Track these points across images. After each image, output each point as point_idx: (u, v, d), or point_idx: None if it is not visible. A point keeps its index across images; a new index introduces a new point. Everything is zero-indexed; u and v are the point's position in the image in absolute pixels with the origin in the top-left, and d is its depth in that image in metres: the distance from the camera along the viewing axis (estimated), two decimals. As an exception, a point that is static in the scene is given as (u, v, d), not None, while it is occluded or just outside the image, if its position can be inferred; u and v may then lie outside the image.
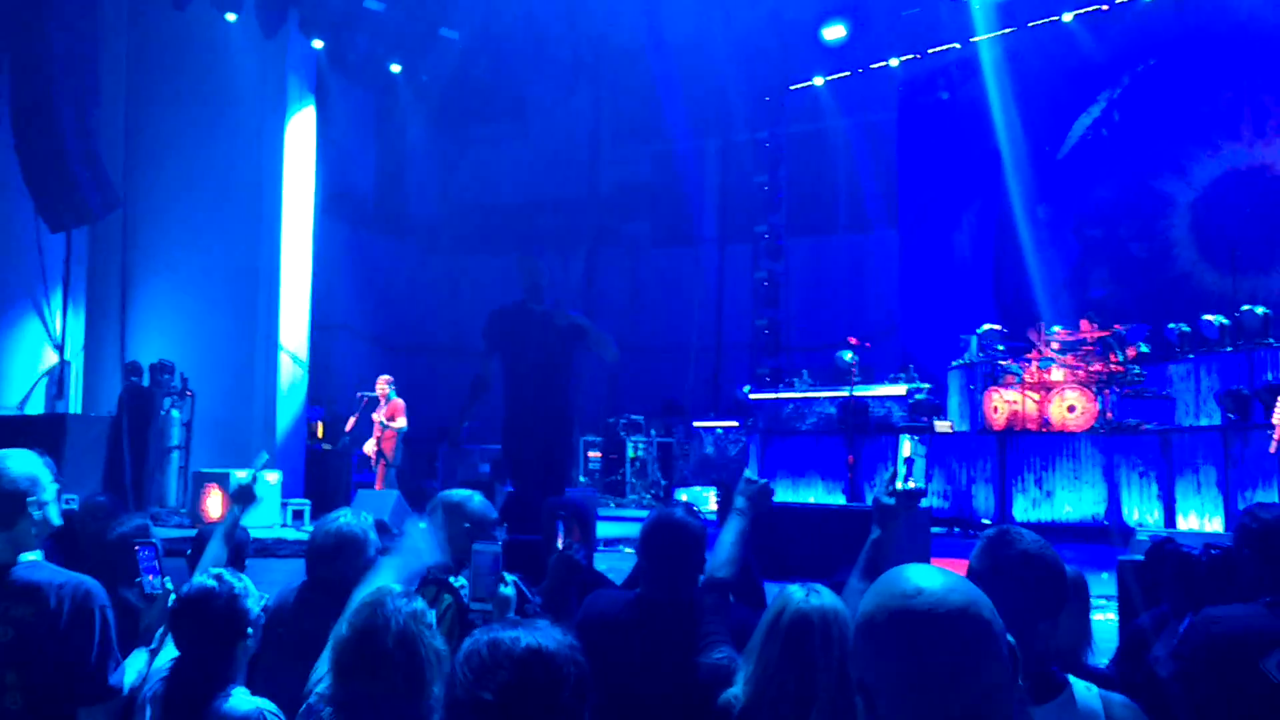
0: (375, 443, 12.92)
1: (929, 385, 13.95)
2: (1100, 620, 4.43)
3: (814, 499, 12.77)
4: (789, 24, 16.53)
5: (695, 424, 16.60)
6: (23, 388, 12.97)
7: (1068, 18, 14.96)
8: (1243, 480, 9.56)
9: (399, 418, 12.88)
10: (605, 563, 6.33)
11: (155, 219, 14.26)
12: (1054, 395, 11.53)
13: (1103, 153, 15.36)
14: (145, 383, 12.27)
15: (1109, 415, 11.40)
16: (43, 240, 12.79)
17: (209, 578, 2.70)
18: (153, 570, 3.06)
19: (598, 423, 16.86)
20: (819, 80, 17.88)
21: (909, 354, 15.75)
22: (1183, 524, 9.99)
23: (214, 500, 11.40)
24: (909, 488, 2.64)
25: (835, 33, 16.50)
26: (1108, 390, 11.55)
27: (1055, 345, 12.00)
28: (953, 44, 16.14)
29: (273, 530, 11.65)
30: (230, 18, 13.80)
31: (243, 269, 14.07)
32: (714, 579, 3.06)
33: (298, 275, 14.35)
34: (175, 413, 12.56)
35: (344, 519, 3.32)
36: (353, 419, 13.59)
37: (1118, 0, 14.72)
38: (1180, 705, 2.63)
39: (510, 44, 16.78)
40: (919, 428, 12.48)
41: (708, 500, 13.54)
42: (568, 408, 7.00)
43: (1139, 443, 10.68)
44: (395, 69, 16.82)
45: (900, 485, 2.67)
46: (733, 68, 17.20)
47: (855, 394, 13.00)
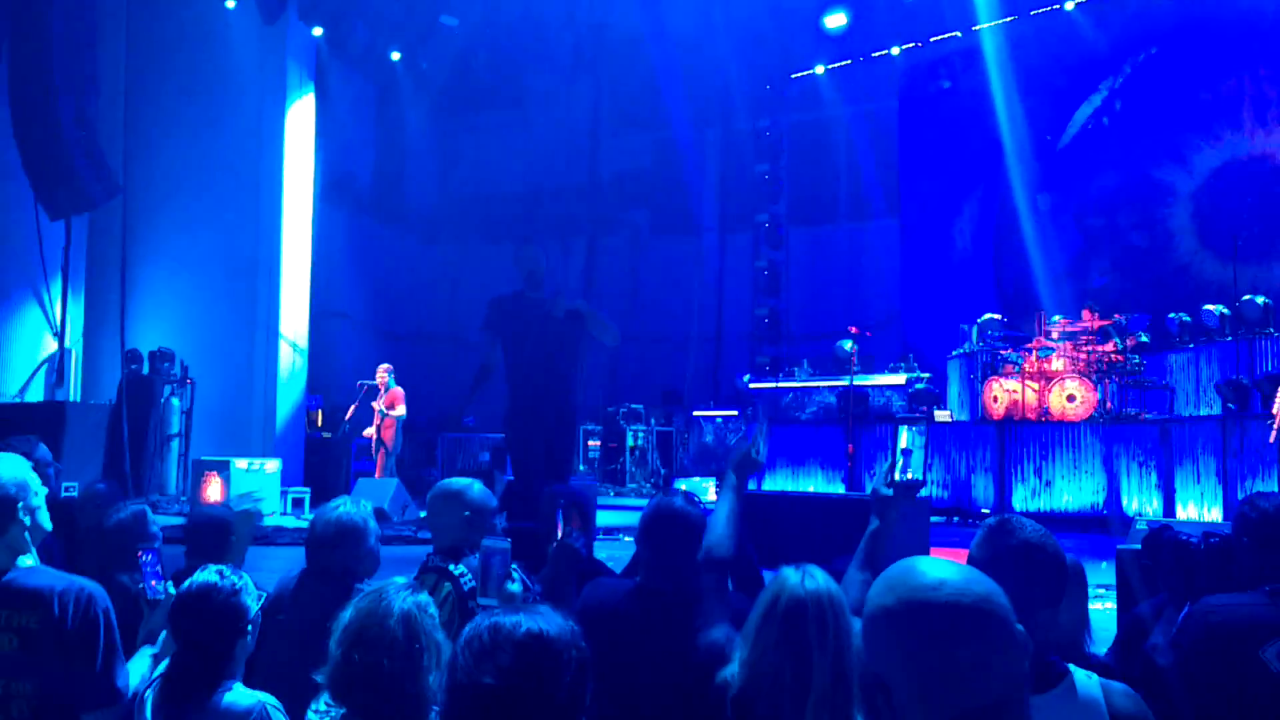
0: (375, 431, 12.93)
1: (929, 375, 13.95)
2: (1099, 610, 4.44)
3: (813, 488, 12.78)
4: (790, 12, 16.50)
5: (695, 413, 16.61)
6: (22, 375, 12.97)
7: (1069, 6, 14.93)
8: (1242, 470, 9.57)
9: (398, 406, 12.89)
10: (605, 551, 6.33)
11: (155, 207, 14.23)
12: (1054, 385, 11.53)
13: (1104, 142, 15.34)
14: (145, 371, 12.27)
15: (1109, 405, 11.41)
16: (42, 228, 12.76)
17: (211, 573, 2.70)
18: (156, 575, 3.06)
19: (597, 411, 16.87)
20: (820, 69, 17.84)
21: (909, 343, 15.75)
22: (1182, 514, 10.00)
23: (213, 487, 11.41)
24: (907, 479, 2.64)
25: (836, 21, 16.48)
26: (1107, 380, 11.55)
27: (1055, 335, 11.99)
28: (954, 32, 16.11)
29: (272, 518, 11.66)
30: (230, 4, 13.77)
31: (242, 257, 14.05)
32: (711, 558, 3.05)
33: (297, 263, 14.34)
34: (175, 401, 12.56)
35: (344, 507, 3.32)
36: (352, 407, 13.59)
37: (1119, -11, 14.71)
38: (1179, 694, 2.64)
39: (510, 32, 16.76)
40: (918, 417, 12.48)
41: (707, 490, 13.56)
42: (570, 396, 6.93)
43: (1138, 432, 10.68)
44: (395, 57, 16.79)
45: (898, 476, 2.67)
46: (733, 56, 17.16)
47: (855, 383, 13.01)
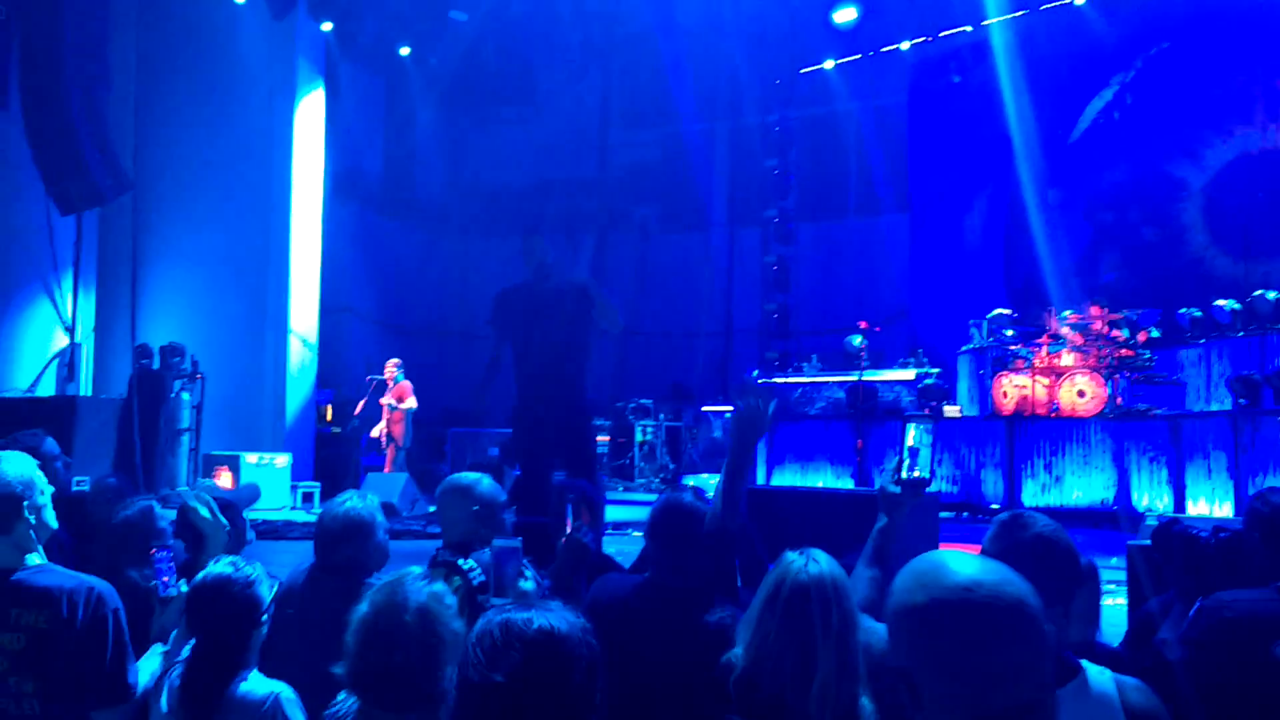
0: (384, 425, 12.96)
1: (938, 370, 13.91)
2: (1109, 605, 4.42)
3: (822, 483, 12.76)
4: (799, 7, 16.47)
5: (704, 408, 16.59)
6: (34, 370, 13.02)
7: (1079, 0, 14.86)
8: (1253, 466, 9.52)
9: (408, 398, 12.92)
10: (613, 546, 6.34)
11: (165, 202, 14.27)
12: (1064, 380, 11.49)
13: (1115, 136, 15.28)
14: (155, 365, 12.30)
15: (1119, 400, 11.37)
16: (53, 223, 12.81)
17: (225, 565, 2.71)
18: (169, 572, 3.08)
19: (606, 407, 16.87)
20: (829, 63, 17.80)
21: (918, 338, 15.71)
22: (1192, 509, 9.96)
23: (224, 482, 11.45)
24: (914, 476, 2.63)
25: (846, 15, 16.45)
26: (1118, 375, 11.51)
27: (1065, 330, 11.95)
28: (964, 27, 16.04)
29: (282, 513, 11.71)
30: (239, 0, 13.78)
31: (252, 252, 14.08)
32: (713, 532, 3.05)
33: (307, 258, 14.36)
34: (185, 395, 12.59)
35: (351, 502, 3.33)
36: (362, 402, 13.62)
37: (1131, -18, 14.64)
38: (1189, 689, 2.63)
39: (519, 27, 16.75)
40: (926, 414, 12.45)
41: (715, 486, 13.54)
42: (580, 387, 6.89)
43: (1149, 428, 10.64)
44: (404, 51, 16.78)
45: (905, 474, 2.66)
46: (742, 51, 17.13)
47: (864, 379, 12.98)
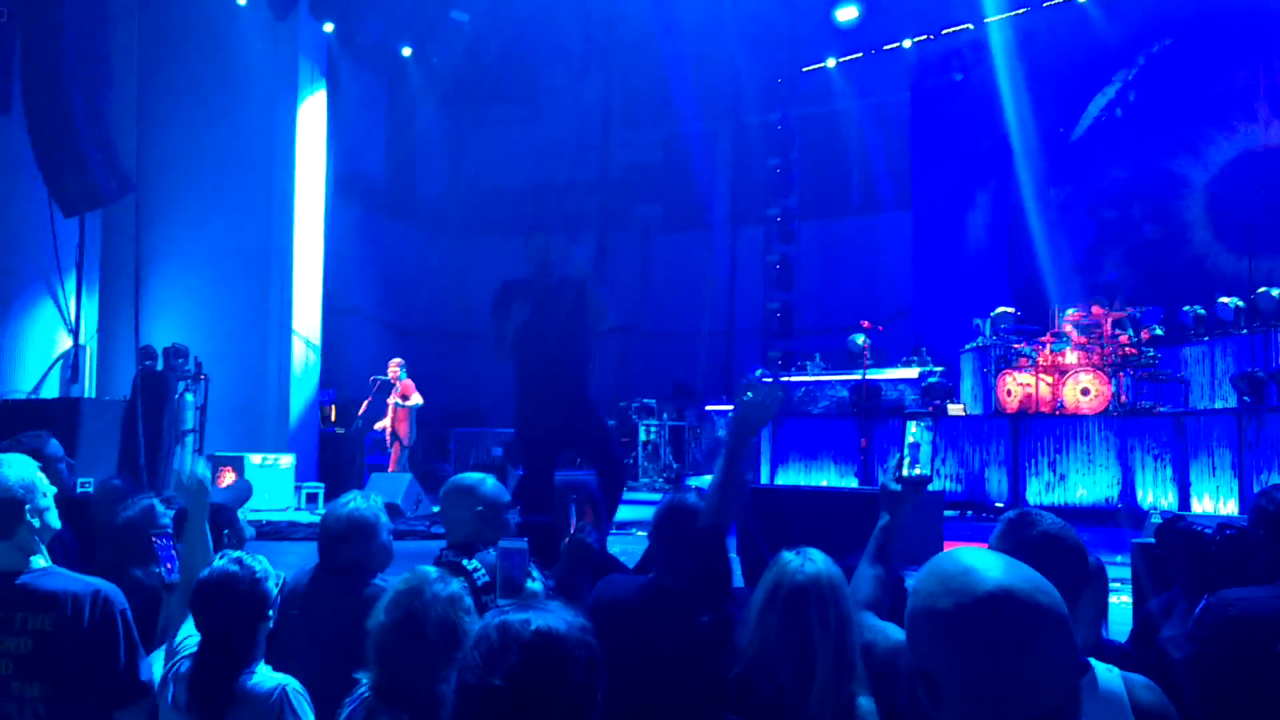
0: (389, 423, 12.95)
1: (942, 368, 13.91)
2: (1113, 603, 4.42)
3: (826, 482, 12.76)
4: (801, 5, 16.47)
5: (707, 407, 16.59)
6: (37, 372, 13.02)
7: (1082, -3, 14.86)
8: (1258, 463, 9.51)
9: (412, 395, 12.92)
10: (617, 546, 6.33)
11: (168, 203, 14.27)
12: (1067, 378, 11.49)
13: (1117, 134, 15.26)
14: (159, 367, 12.29)
15: (1123, 398, 11.36)
16: (56, 224, 12.80)
17: (230, 562, 2.71)
18: (170, 559, 3.08)
19: (609, 406, 16.87)
20: (831, 62, 17.79)
21: (921, 337, 15.70)
22: (1197, 507, 9.95)
23: (228, 483, 11.45)
24: (915, 474, 2.62)
25: (847, 14, 16.44)
26: (1121, 373, 11.51)
27: (1069, 328, 11.95)
28: (966, 25, 16.03)
29: (286, 513, 11.71)
30: (241, 1, 13.78)
31: (255, 253, 14.09)
32: (707, 528, 3.05)
33: (310, 259, 14.37)
34: (189, 396, 12.58)
35: (355, 503, 3.33)
36: (365, 402, 13.63)
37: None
38: (1193, 687, 2.62)
39: (521, 27, 16.74)
40: (926, 411, 12.45)
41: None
42: (583, 385, 6.82)
43: (1153, 426, 10.64)
44: (406, 52, 16.79)
45: (906, 471, 2.65)
46: (744, 50, 17.12)
47: (868, 377, 12.98)
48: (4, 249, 12.66)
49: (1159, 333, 11.92)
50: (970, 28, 15.98)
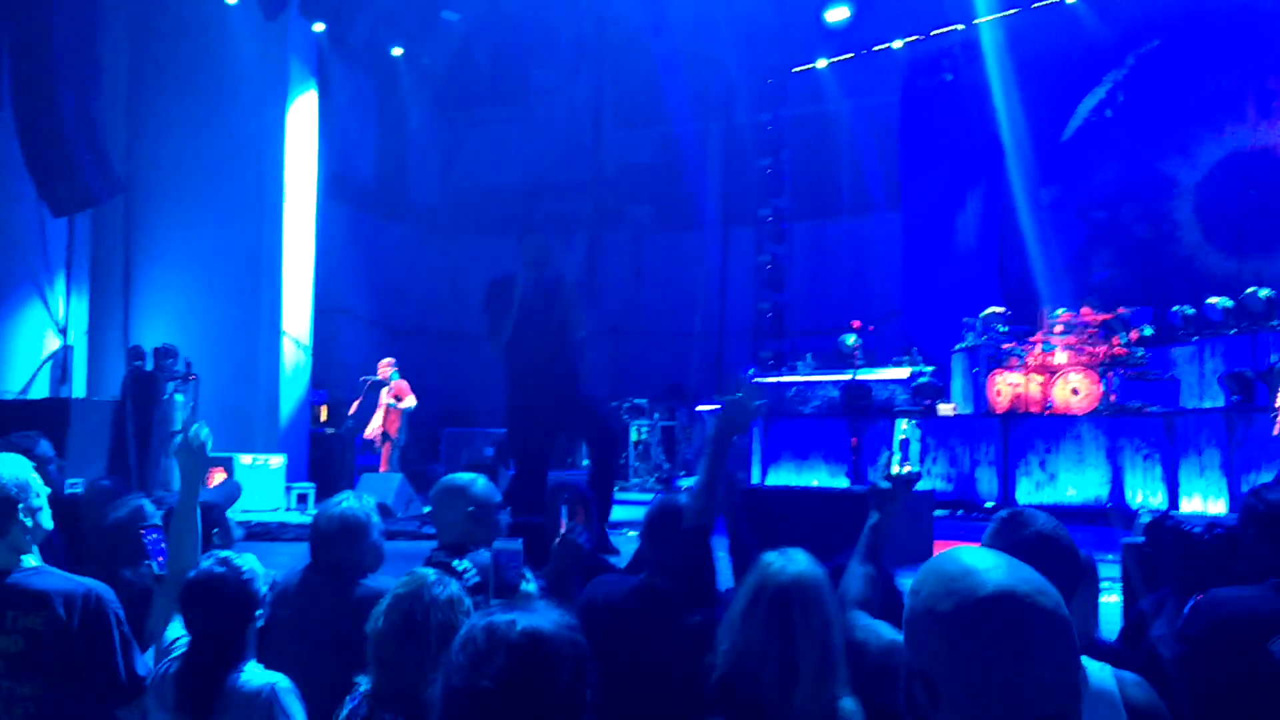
0: (380, 423, 12.90)
1: (932, 368, 13.92)
2: (1103, 603, 4.42)
3: (817, 482, 12.76)
4: (791, 6, 16.46)
5: (699, 407, 16.58)
6: (26, 372, 12.98)
7: (1072, -2, 14.89)
8: (1247, 462, 9.54)
9: (406, 397, 12.90)
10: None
11: (157, 203, 14.24)
12: (1057, 378, 11.51)
13: (1107, 135, 15.29)
14: (149, 367, 12.26)
15: (1112, 398, 11.39)
16: (45, 225, 12.77)
17: (217, 562, 2.70)
18: (160, 552, 3.08)
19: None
20: (822, 62, 17.80)
21: (912, 337, 15.72)
22: (1186, 506, 9.98)
23: (215, 477, 11.43)
24: (904, 472, 2.63)
25: (838, 15, 16.44)
26: (1111, 373, 11.53)
27: (1059, 328, 11.97)
28: (956, 25, 16.06)
29: (277, 514, 11.69)
30: (231, 0, 13.75)
31: (245, 253, 14.05)
32: (690, 530, 3.06)
33: (300, 259, 14.33)
34: (179, 397, 12.56)
35: (347, 503, 3.32)
36: (356, 402, 13.60)
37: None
38: (1183, 686, 2.63)
39: (512, 27, 16.72)
40: (918, 410, 12.46)
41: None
42: (573, 384, 6.81)
43: (1142, 425, 10.66)
44: (397, 52, 16.76)
45: (897, 468, 2.66)
46: (735, 50, 17.11)
47: (858, 377, 12.99)
48: (-7, 249, 12.63)
49: (1148, 333, 11.94)
50: (961, 28, 16.00)
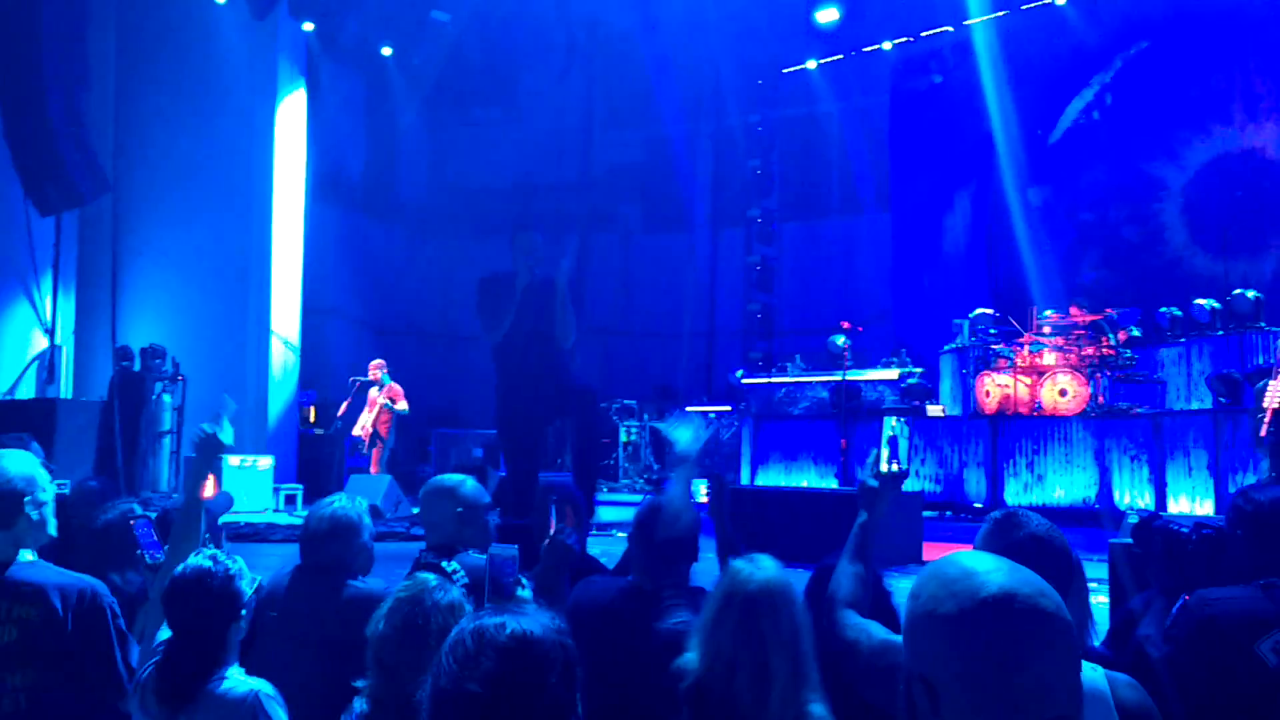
0: (371, 423, 12.83)
1: (921, 369, 13.96)
2: (1091, 604, 4.43)
3: (807, 483, 12.78)
4: (781, 7, 16.49)
5: (688, 408, 16.57)
6: (13, 372, 12.93)
7: (1060, 0, 14.92)
8: (1234, 463, 9.59)
9: (400, 401, 12.85)
10: (598, 547, 6.33)
11: (145, 203, 14.19)
12: (1045, 379, 11.54)
13: (1095, 136, 15.34)
14: (136, 367, 12.23)
15: (1100, 399, 11.42)
16: (32, 225, 12.72)
17: (204, 559, 2.68)
18: (152, 542, 3.08)
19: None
20: (811, 64, 17.82)
21: (901, 338, 15.74)
22: (1174, 507, 10.02)
23: (208, 485, 11.35)
24: (893, 470, 2.62)
25: (828, 16, 16.48)
26: (1099, 374, 11.57)
27: (1047, 329, 12.01)
28: (945, 27, 16.10)
29: (265, 515, 11.65)
30: (220, 0, 13.71)
31: (234, 253, 14.01)
32: (666, 539, 3.07)
33: (289, 259, 14.30)
34: (167, 397, 12.53)
35: (338, 504, 3.32)
36: (345, 403, 13.55)
37: (1110, -17, 14.71)
38: (1170, 686, 2.63)
39: (502, 27, 16.72)
40: (907, 410, 12.49)
41: (699, 491, 13.52)
42: (566, 376, 6.76)
43: (1130, 426, 10.70)
44: (386, 52, 16.74)
45: (885, 466, 2.65)
46: (725, 51, 17.14)
47: (848, 378, 13.00)
48: (-21, 249, 12.58)
49: (1136, 334, 11.99)
50: (950, 30, 16.04)
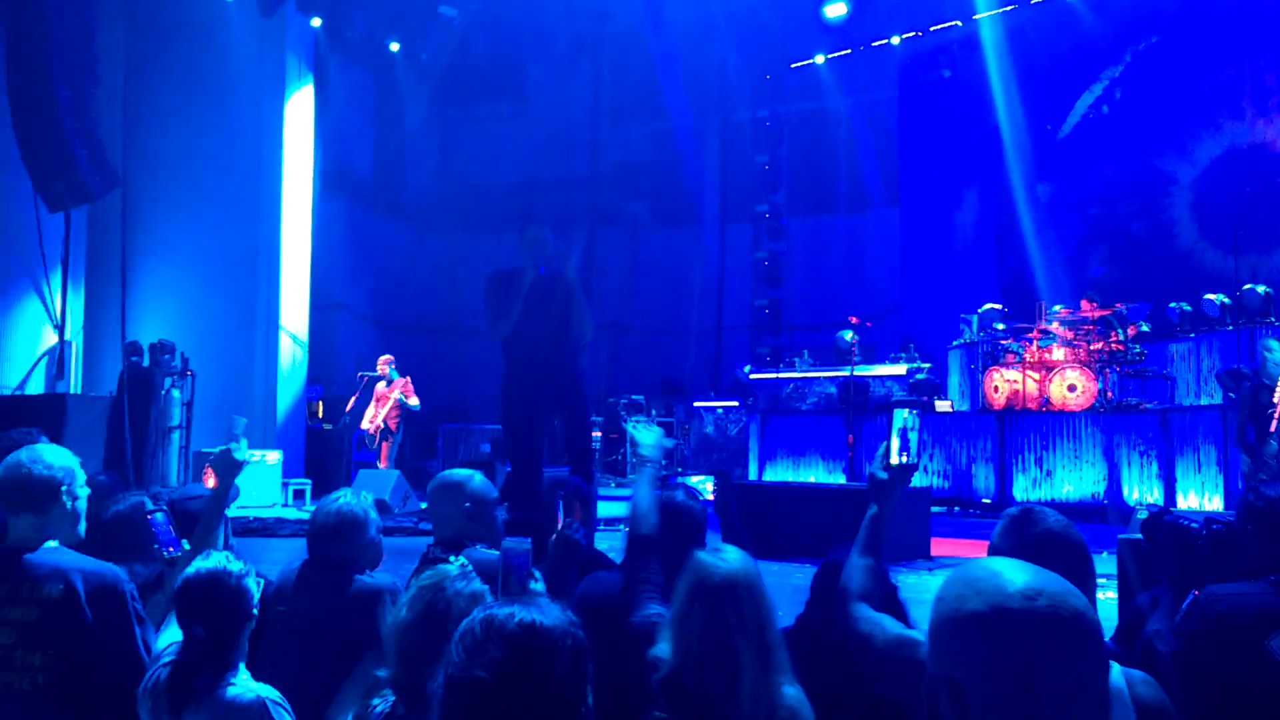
0: (381, 418, 12.83)
1: (929, 365, 13.95)
2: (1100, 599, 4.43)
3: (814, 478, 12.78)
4: (789, 2, 16.47)
5: (696, 404, 16.60)
6: (23, 368, 12.95)
7: (1069, -5, 14.89)
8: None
9: (411, 396, 12.85)
10: (605, 542, 6.34)
11: (154, 199, 14.21)
12: (1054, 374, 11.52)
13: (1104, 131, 15.30)
14: (145, 363, 12.25)
15: (1109, 394, 11.40)
16: (42, 220, 12.73)
17: (216, 560, 2.68)
18: (168, 535, 3.09)
19: (598, 402, 16.86)
20: (820, 58, 17.81)
21: (910, 333, 15.73)
22: (1183, 503, 10.00)
23: (209, 479, 11.39)
24: (902, 462, 2.61)
25: (836, 10, 16.45)
26: (1108, 369, 11.54)
27: (1056, 324, 11.98)
28: (954, 21, 16.07)
29: (273, 510, 11.69)
30: (228, -4, 13.74)
31: (242, 249, 14.04)
32: (638, 536, 3.08)
33: (297, 255, 14.33)
34: (175, 393, 12.54)
35: (344, 499, 3.32)
36: (353, 399, 13.58)
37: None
38: (1178, 682, 2.63)
39: (510, 22, 16.72)
40: (916, 404, 12.47)
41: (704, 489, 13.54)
42: (576, 383, 6.72)
43: (1139, 422, 10.68)
44: (394, 47, 16.74)
45: (896, 457, 2.64)
46: (733, 46, 17.12)
47: (856, 374, 12.99)
48: (-11, 245, 12.61)
49: (1145, 329, 11.96)
50: (959, 24, 16.01)
